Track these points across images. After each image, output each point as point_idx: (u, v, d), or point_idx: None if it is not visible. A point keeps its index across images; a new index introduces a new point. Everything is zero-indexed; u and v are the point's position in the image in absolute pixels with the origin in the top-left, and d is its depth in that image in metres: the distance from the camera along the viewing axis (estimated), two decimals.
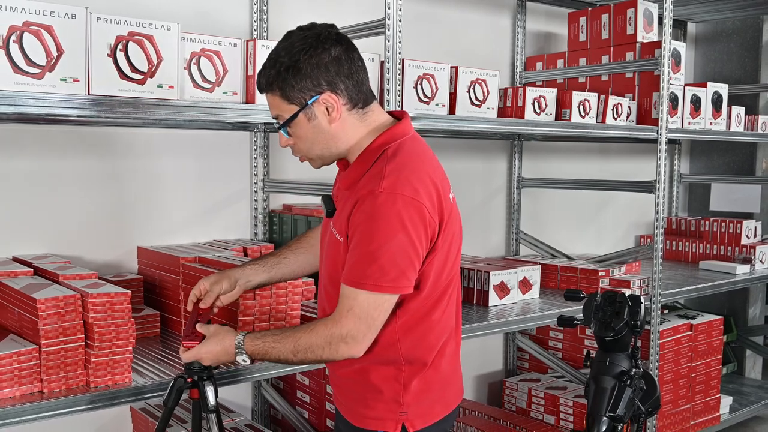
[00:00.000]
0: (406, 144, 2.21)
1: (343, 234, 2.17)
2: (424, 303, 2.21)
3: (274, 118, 2.26)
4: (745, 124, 5.22)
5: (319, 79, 2.15)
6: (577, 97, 4.11)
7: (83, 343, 2.50)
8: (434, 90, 3.53)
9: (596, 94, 4.25)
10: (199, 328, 2.34)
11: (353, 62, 2.20)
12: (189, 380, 2.39)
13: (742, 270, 5.07)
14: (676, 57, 4.60)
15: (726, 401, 5.15)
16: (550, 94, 4.06)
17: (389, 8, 3.13)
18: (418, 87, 3.47)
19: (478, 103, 3.74)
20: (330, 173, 2.92)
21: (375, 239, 2.06)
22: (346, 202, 2.19)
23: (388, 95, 3.16)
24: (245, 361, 2.25)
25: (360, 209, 2.10)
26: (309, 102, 2.16)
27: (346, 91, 2.19)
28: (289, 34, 2.22)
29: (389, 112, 2.34)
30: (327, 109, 2.18)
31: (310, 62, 2.13)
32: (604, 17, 4.69)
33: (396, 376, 2.22)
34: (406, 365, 2.22)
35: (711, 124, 4.88)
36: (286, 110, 2.20)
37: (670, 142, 5.67)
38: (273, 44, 2.96)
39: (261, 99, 2.95)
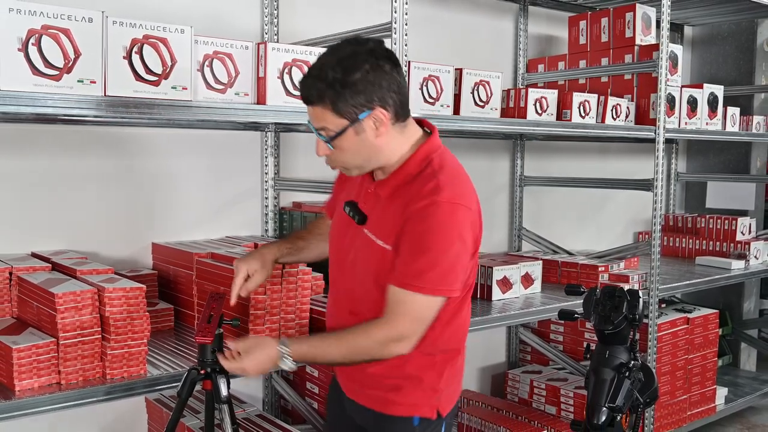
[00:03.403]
0: (446, 156, 2.25)
1: (389, 242, 2.16)
2: (457, 299, 2.25)
3: (318, 128, 2.17)
4: (740, 125, 5.20)
5: (372, 95, 2.10)
6: (577, 98, 4.09)
7: (100, 336, 2.49)
8: (439, 91, 3.52)
9: (596, 95, 4.23)
10: (233, 345, 2.25)
11: (401, 77, 2.18)
12: (202, 372, 2.39)
13: (737, 265, 5.05)
14: (674, 59, 4.58)
15: (721, 392, 5.13)
16: (552, 95, 4.04)
17: (396, 12, 3.12)
18: (424, 88, 3.45)
19: (482, 103, 3.73)
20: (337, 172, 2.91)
21: (436, 246, 2.09)
22: (389, 210, 2.19)
23: None
24: (291, 367, 2.21)
25: (419, 217, 2.10)
26: (360, 117, 2.11)
27: (394, 106, 2.15)
28: (338, 47, 2.14)
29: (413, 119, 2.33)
30: (375, 123, 2.13)
31: (366, 78, 2.07)
32: (604, 21, 4.67)
33: (433, 365, 2.28)
34: (441, 354, 2.29)
35: (707, 124, 4.85)
36: (333, 123, 2.12)
37: (668, 141, 5.63)
38: (283, 47, 2.98)
39: (271, 100, 2.95)
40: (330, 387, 2.64)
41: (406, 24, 3.13)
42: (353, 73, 2.07)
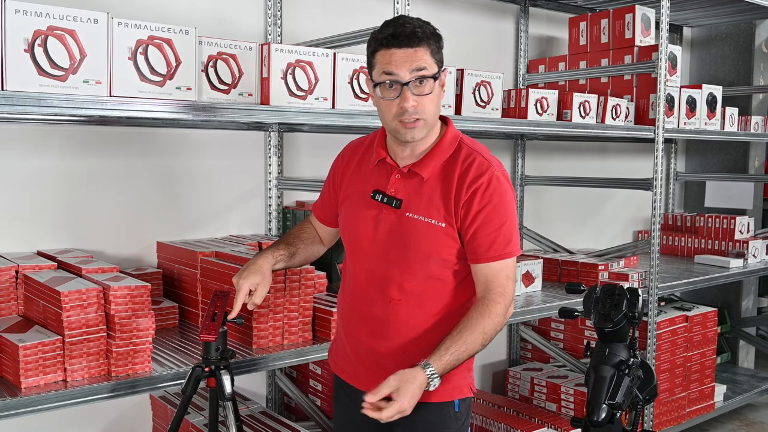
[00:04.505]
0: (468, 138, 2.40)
1: (442, 219, 2.25)
2: None
3: (414, 70, 2.19)
4: (738, 124, 5.19)
5: (443, 59, 2.30)
6: (577, 98, 4.09)
7: (105, 333, 2.49)
8: None
9: (596, 96, 4.22)
10: (378, 391, 2.06)
11: None
12: (206, 369, 2.38)
13: (736, 264, 5.04)
14: (673, 60, 4.57)
15: (720, 389, 5.12)
16: (552, 96, 4.04)
17: (397, 13, 3.11)
18: None
19: (483, 104, 3.72)
20: None
21: (507, 214, 2.26)
22: (435, 190, 2.27)
23: None
24: (436, 385, 2.12)
25: (488, 193, 2.23)
26: (441, 69, 2.27)
27: None
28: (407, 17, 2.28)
29: None
30: (444, 81, 2.29)
31: (442, 44, 2.29)
32: (604, 22, 4.66)
33: None
34: None
35: (706, 124, 4.85)
36: (431, 68, 2.22)
37: (667, 141, 5.64)
38: (287, 48, 2.98)
39: (275, 100, 2.94)
40: (335, 388, 2.60)
41: None
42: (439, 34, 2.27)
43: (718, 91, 4.91)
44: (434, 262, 2.27)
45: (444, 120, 2.40)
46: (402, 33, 2.19)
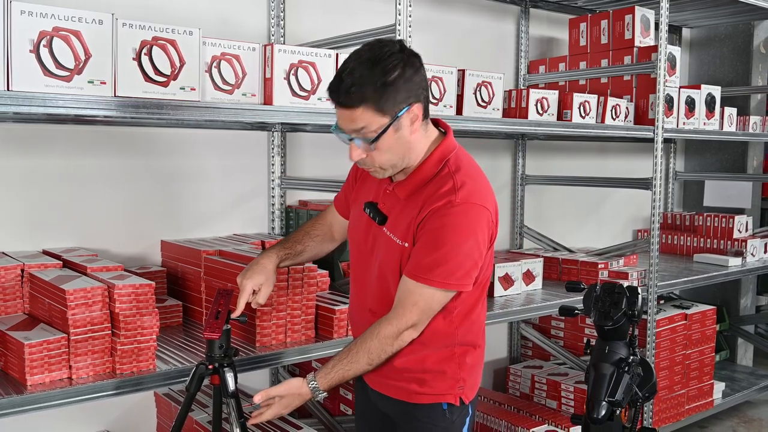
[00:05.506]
0: (461, 157, 2.28)
1: (407, 240, 2.20)
2: (473, 294, 2.30)
3: (355, 130, 2.12)
4: (737, 124, 5.18)
5: (410, 92, 2.11)
6: (577, 98, 4.08)
7: (110, 331, 2.49)
8: (442, 92, 3.51)
9: (596, 96, 4.21)
10: (273, 393, 2.27)
11: (425, 74, 2.20)
12: (210, 367, 2.38)
13: (734, 262, 5.03)
14: (672, 61, 4.57)
15: (719, 387, 5.11)
16: (552, 96, 4.03)
17: (399, 14, 3.11)
18: None
19: (484, 104, 3.72)
20: (342, 170, 2.90)
21: (448, 243, 2.13)
22: (406, 209, 2.23)
23: None
24: (324, 398, 2.28)
25: (434, 216, 2.15)
26: (399, 114, 2.11)
27: (424, 102, 2.18)
28: (365, 51, 2.11)
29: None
30: (411, 119, 2.14)
31: (404, 76, 2.08)
32: (604, 23, 4.66)
33: (452, 357, 2.31)
34: (459, 347, 2.32)
35: (705, 124, 4.84)
36: (375, 122, 2.09)
37: (666, 141, 5.63)
38: (290, 48, 2.97)
39: (278, 100, 2.94)
40: (356, 379, 2.63)
41: (409, 26, 3.12)
42: (392, 72, 2.07)
43: (716, 91, 4.90)
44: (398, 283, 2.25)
45: (446, 130, 2.33)
46: (336, 90, 2.10)
